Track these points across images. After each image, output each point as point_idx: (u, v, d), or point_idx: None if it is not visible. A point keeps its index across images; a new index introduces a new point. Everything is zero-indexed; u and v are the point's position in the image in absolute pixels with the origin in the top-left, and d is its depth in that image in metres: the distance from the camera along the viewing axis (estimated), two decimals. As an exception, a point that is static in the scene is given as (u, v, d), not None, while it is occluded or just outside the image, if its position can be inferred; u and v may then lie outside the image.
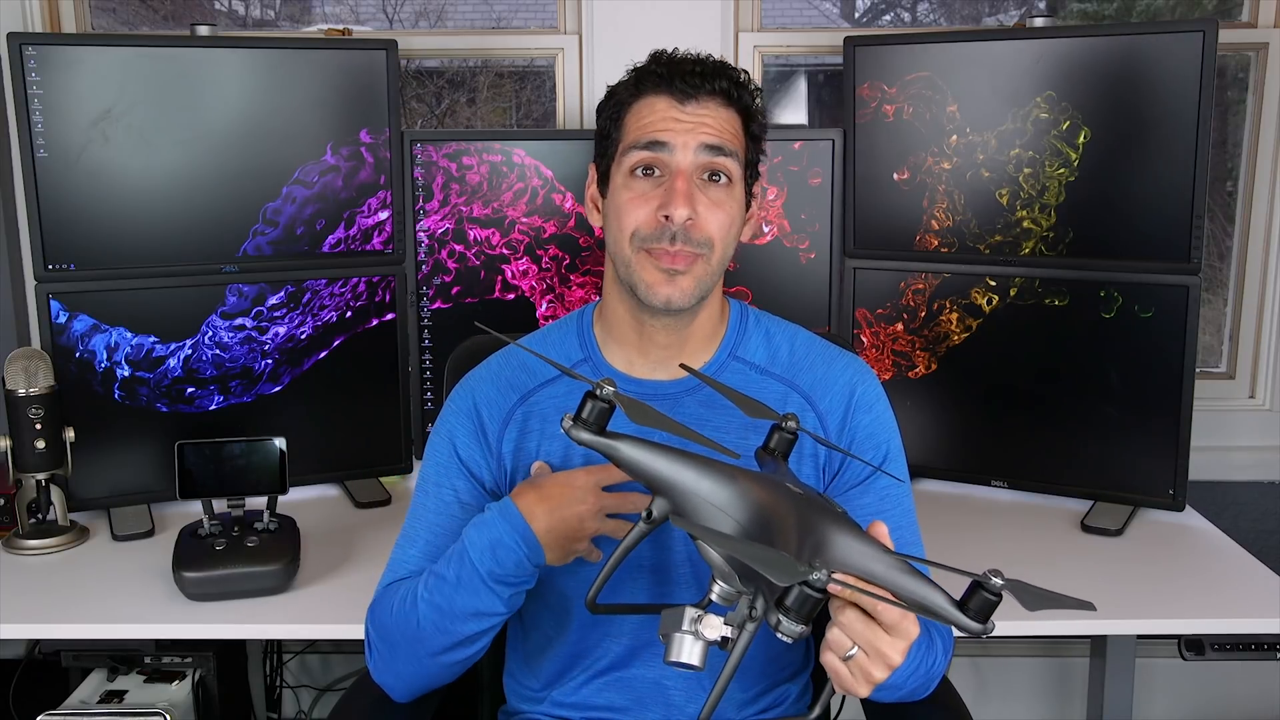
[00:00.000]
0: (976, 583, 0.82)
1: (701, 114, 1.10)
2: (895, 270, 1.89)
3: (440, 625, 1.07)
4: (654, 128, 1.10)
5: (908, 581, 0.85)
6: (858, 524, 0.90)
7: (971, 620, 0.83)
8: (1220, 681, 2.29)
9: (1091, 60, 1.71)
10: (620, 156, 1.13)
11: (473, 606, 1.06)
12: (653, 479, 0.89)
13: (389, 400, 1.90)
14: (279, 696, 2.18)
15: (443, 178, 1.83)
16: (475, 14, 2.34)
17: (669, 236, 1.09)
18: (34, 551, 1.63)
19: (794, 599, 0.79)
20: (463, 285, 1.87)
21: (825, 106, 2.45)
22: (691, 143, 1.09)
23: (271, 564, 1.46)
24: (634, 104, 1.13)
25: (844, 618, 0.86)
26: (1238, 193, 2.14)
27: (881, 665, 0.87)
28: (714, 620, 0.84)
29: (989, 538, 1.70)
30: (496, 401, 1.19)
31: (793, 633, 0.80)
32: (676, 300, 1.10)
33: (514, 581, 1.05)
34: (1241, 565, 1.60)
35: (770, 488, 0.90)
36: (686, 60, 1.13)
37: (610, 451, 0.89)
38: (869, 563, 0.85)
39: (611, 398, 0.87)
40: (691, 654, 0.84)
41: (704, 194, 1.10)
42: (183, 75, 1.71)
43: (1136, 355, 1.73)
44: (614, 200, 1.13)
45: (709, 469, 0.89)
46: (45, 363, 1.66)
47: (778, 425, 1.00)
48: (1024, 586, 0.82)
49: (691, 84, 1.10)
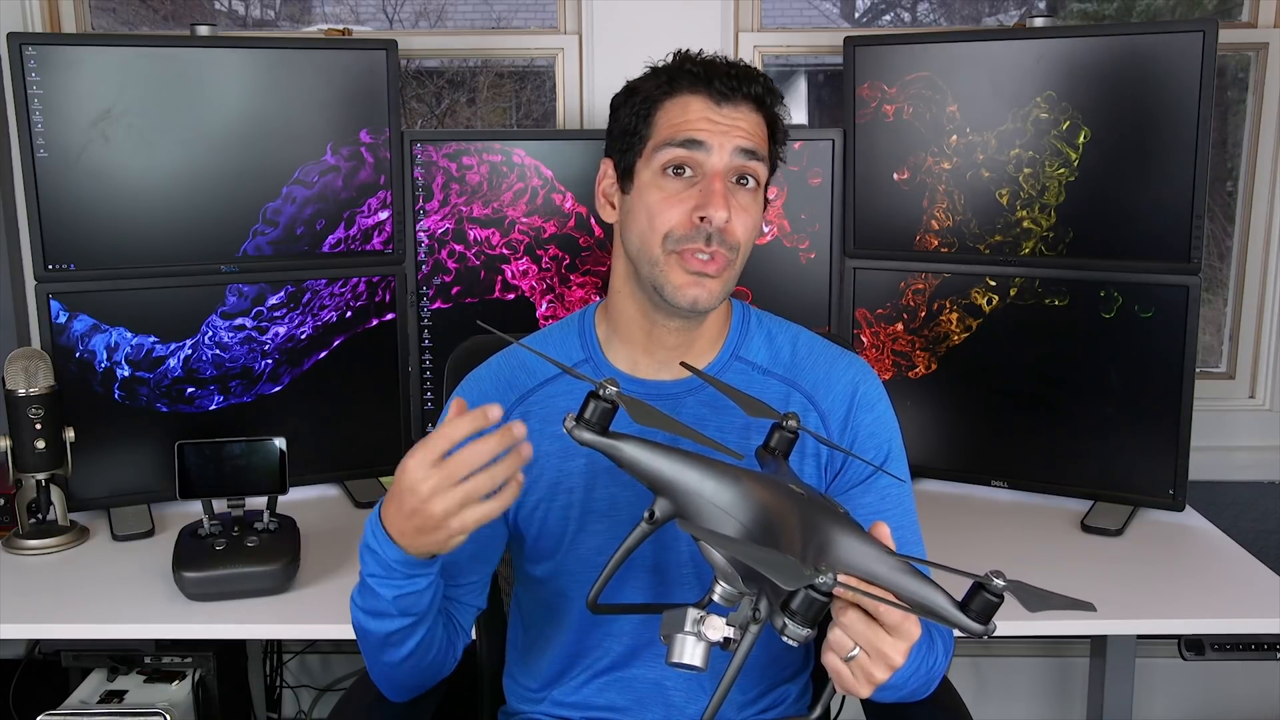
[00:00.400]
0: (978, 584, 0.82)
1: (736, 117, 1.09)
2: (895, 270, 1.89)
3: (360, 624, 1.09)
4: (690, 126, 1.09)
5: (910, 582, 0.85)
6: (860, 525, 0.90)
7: (973, 621, 0.83)
8: (1220, 681, 2.29)
9: (1091, 60, 1.71)
10: (651, 153, 1.11)
11: (369, 605, 1.06)
12: (655, 480, 0.89)
13: (389, 400, 1.90)
14: (279, 696, 2.18)
15: (443, 178, 1.83)
16: (475, 14, 2.34)
17: (704, 237, 1.08)
18: (34, 551, 1.63)
19: (800, 602, 0.79)
20: (463, 285, 1.87)
21: (825, 106, 2.46)
22: (728, 145, 1.08)
23: (271, 564, 1.46)
24: (666, 101, 1.11)
25: (846, 618, 0.86)
26: (1238, 193, 2.14)
27: (883, 666, 0.87)
28: (717, 621, 0.84)
29: (989, 538, 1.70)
30: (495, 401, 1.18)
31: (798, 636, 0.80)
32: (704, 302, 1.10)
33: (384, 577, 1.02)
34: (1241, 565, 1.60)
35: (773, 489, 0.90)
36: (721, 62, 1.11)
37: (613, 452, 0.88)
38: (871, 564, 0.86)
39: (615, 398, 0.87)
40: (694, 655, 0.84)
41: (735, 197, 1.09)
42: (183, 75, 1.71)
43: (1136, 355, 1.73)
44: (643, 199, 1.11)
45: (712, 470, 0.89)
46: (45, 363, 1.66)
47: (778, 424, 1.00)
48: (1025, 587, 0.82)
49: (729, 85, 1.09)
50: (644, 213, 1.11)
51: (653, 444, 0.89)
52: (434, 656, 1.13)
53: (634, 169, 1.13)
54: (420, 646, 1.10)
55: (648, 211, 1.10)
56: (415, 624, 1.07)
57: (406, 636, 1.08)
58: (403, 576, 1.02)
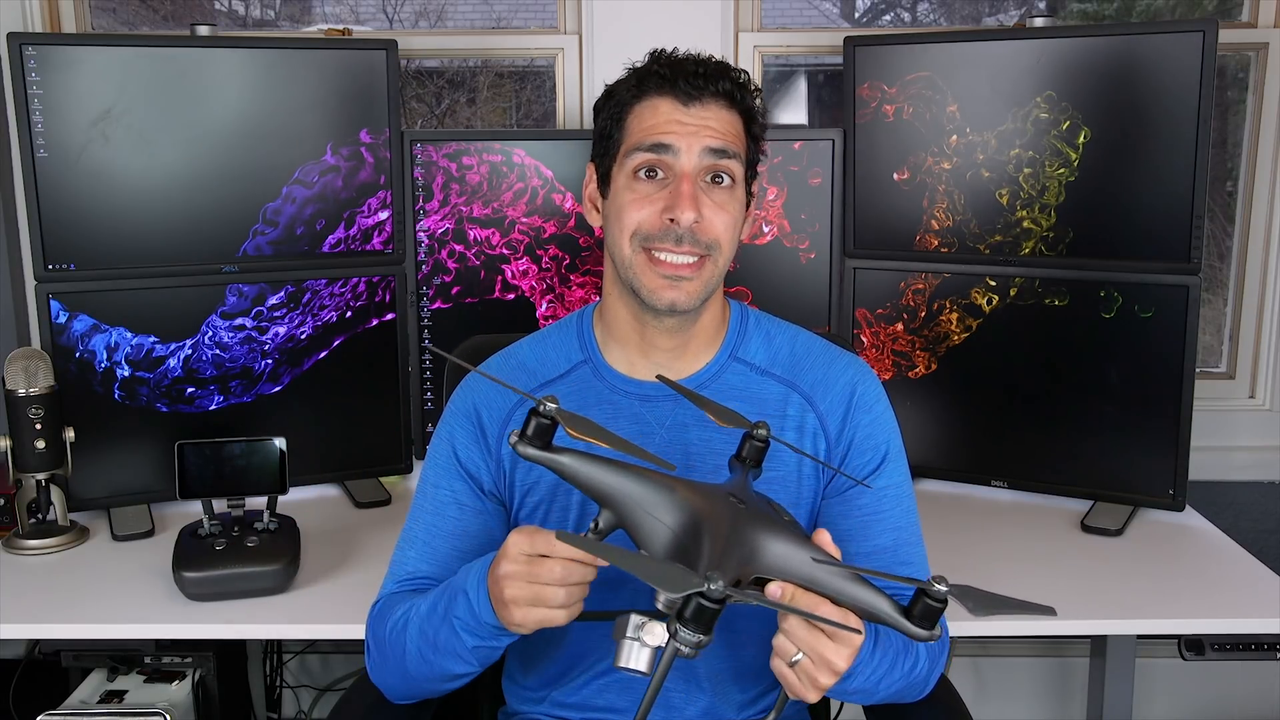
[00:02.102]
0: (920, 589, 0.83)
1: (705, 116, 1.10)
2: (895, 270, 1.89)
3: (423, 655, 1.07)
4: (658, 130, 1.10)
5: (851, 588, 0.87)
6: (804, 533, 0.93)
7: (916, 626, 0.84)
8: (1220, 681, 2.29)
9: (1091, 60, 1.71)
10: (623, 158, 1.12)
11: (444, 643, 1.04)
12: (595, 490, 0.91)
13: (389, 400, 1.90)
14: (279, 696, 2.18)
15: (443, 178, 1.83)
16: (475, 14, 2.34)
17: (674, 237, 1.09)
18: (34, 551, 1.63)
19: (691, 610, 0.80)
20: (463, 285, 1.87)
21: (825, 106, 2.45)
22: (696, 145, 1.09)
23: (271, 564, 1.46)
24: (636, 105, 1.13)
25: (787, 624, 0.88)
26: (1238, 193, 2.14)
27: (826, 671, 0.89)
28: (657, 628, 0.86)
29: (989, 538, 1.69)
30: (496, 403, 1.19)
31: (689, 642, 0.81)
32: (682, 304, 1.11)
33: (474, 631, 1.01)
34: (1241, 565, 1.60)
35: (709, 497, 0.92)
36: (689, 61, 1.12)
37: (553, 465, 0.91)
38: (808, 569, 0.88)
39: (553, 414, 0.89)
40: (639, 660, 0.87)
41: (708, 196, 1.10)
42: (183, 75, 1.71)
43: (1136, 355, 1.73)
44: (615, 201, 1.13)
45: (647, 480, 0.91)
46: (45, 363, 1.66)
47: (749, 434, 1.02)
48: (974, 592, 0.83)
49: (695, 85, 1.09)
50: (616, 214, 1.12)
51: (591, 456, 0.91)
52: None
53: (610, 173, 1.14)
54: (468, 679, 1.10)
55: (618, 212, 1.12)
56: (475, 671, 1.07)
57: (466, 676, 1.08)
58: (491, 635, 1.01)
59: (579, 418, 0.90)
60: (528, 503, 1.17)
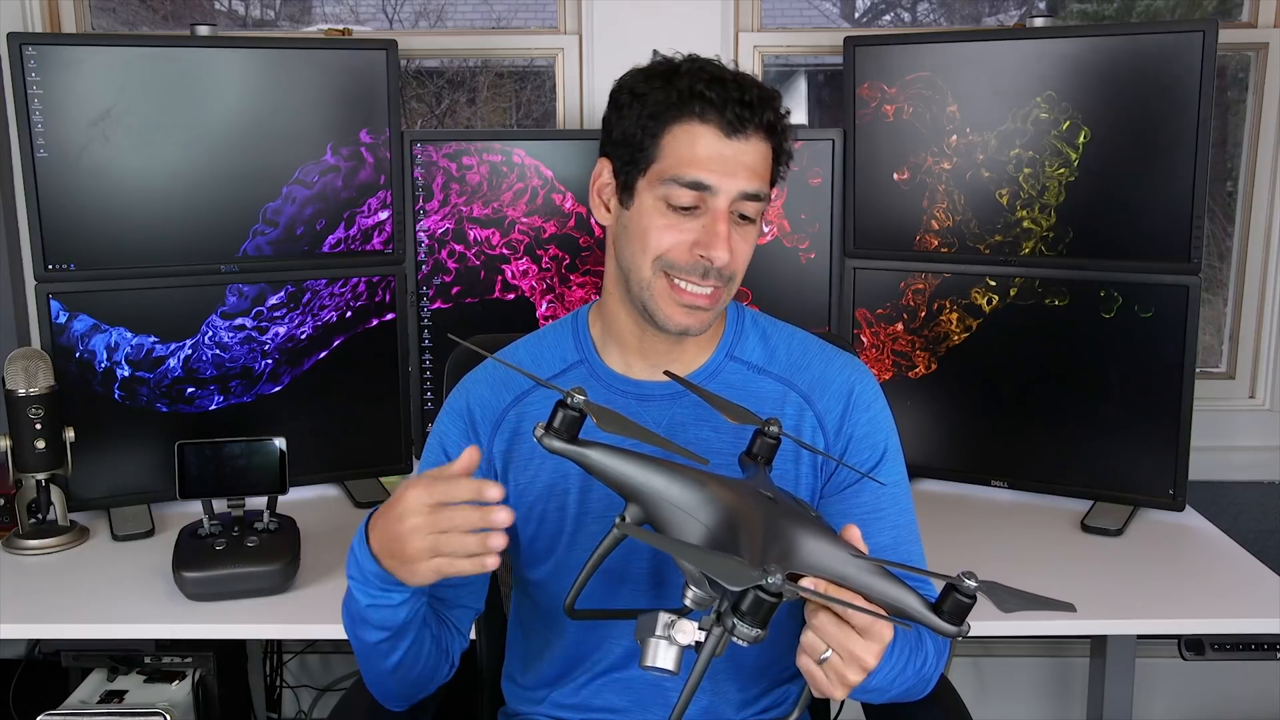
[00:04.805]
0: (950, 585, 0.83)
1: (744, 150, 1.07)
2: (895, 270, 1.89)
3: (347, 629, 1.10)
4: (698, 166, 1.06)
5: (880, 584, 0.86)
6: (832, 529, 0.91)
7: (945, 623, 0.83)
8: (1220, 681, 2.29)
9: (1091, 60, 1.71)
10: (655, 180, 1.08)
11: (351, 610, 1.07)
12: (623, 485, 0.90)
13: (389, 400, 1.90)
14: (279, 696, 2.18)
15: (443, 178, 1.83)
16: (475, 14, 2.34)
17: (701, 271, 1.08)
18: (34, 551, 1.63)
19: (749, 603, 0.80)
20: (463, 285, 1.87)
21: (825, 106, 2.46)
22: (734, 188, 1.06)
23: (271, 564, 1.46)
24: (675, 125, 1.07)
25: (817, 620, 0.87)
26: (1238, 193, 2.14)
27: (856, 668, 0.88)
28: (687, 625, 0.85)
29: (989, 538, 1.70)
30: (490, 403, 1.19)
31: (747, 637, 0.80)
32: (695, 329, 1.11)
33: (361, 584, 1.02)
34: (1241, 565, 1.60)
35: (740, 493, 0.91)
36: (733, 84, 1.07)
37: (581, 459, 0.90)
38: (840, 566, 0.87)
39: (582, 406, 0.88)
40: (666, 659, 0.85)
41: (735, 231, 1.09)
42: (183, 75, 1.71)
43: (1136, 355, 1.73)
44: (641, 220, 1.10)
45: (678, 475, 0.90)
46: (45, 363, 1.66)
47: (760, 430, 1.01)
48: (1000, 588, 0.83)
49: (742, 116, 1.06)
50: (640, 234, 1.10)
51: (620, 450, 0.90)
52: (422, 669, 1.13)
53: (635, 187, 1.10)
54: (406, 660, 1.10)
55: (643, 234, 1.09)
56: (394, 638, 1.07)
57: (390, 650, 1.08)
58: (378, 588, 1.02)
59: (608, 410, 0.89)
60: (523, 503, 1.17)
